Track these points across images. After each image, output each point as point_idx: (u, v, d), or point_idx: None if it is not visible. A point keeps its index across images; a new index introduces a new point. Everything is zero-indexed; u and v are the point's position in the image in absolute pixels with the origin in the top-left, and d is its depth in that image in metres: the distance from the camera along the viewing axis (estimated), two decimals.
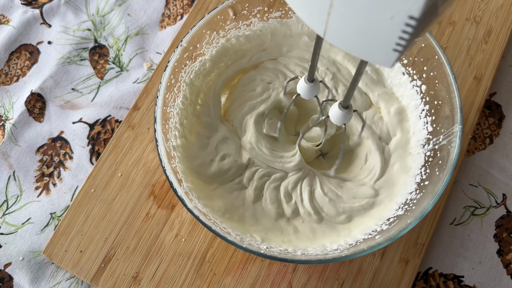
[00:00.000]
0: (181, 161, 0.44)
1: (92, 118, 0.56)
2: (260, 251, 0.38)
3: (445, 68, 0.42)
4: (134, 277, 0.48)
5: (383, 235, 0.39)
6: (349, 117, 0.38)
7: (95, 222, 0.50)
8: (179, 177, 0.41)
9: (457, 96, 0.40)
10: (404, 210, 0.41)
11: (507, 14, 0.56)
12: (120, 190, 0.51)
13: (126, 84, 0.57)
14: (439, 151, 0.42)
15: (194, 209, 0.39)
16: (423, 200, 0.39)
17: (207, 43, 0.46)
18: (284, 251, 0.41)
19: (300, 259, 0.38)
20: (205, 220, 0.38)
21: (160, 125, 0.42)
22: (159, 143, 0.41)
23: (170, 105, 0.44)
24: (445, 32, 0.55)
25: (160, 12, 0.60)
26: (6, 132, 0.55)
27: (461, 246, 0.50)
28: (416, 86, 0.45)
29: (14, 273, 0.50)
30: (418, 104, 0.45)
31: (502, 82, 0.56)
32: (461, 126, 0.39)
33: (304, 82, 0.38)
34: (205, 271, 0.48)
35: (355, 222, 0.44)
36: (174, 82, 0.44)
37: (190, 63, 0.46)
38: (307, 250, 0.41)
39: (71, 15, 0.60)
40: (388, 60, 0.24)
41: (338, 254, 0.38)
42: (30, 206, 0.52)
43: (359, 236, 0.42)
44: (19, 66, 0.58)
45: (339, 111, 0.37)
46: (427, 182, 0.41)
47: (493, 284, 0.48)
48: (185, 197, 0.40)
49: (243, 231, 0.43)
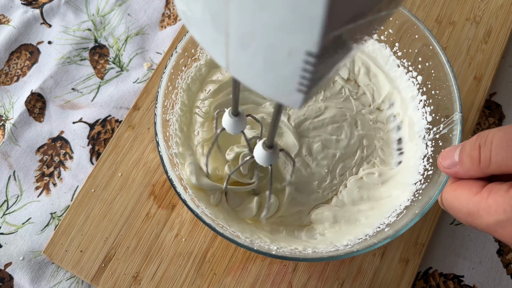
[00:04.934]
0: (184, 167, 0.44)
1: (92, 118, 0.56)
2: (271, 252, 0.38)
3: (441, 58, 0.42)
4: (135, 277, 0.48)
5: (392, 228, 0.39)
6: (275, 157, 0.34)
7: (95, 222, 0.50)
8: (183, 184, 0.41)
9: (455, 84, 0.41)
10: (410, 201, 0.41)
11: (507, 14, 0.56)
12: (120, 190, 0.51)
13: (126, 84, 0.57)
14: (440, 140, 0.42)
15: (202, 214, 0.39)
16: (429, 190, 0.39)
17: (201, 48, 0.46)
18: (295, 250, 0.41)
19: (312, 257, 0.38)
20: (215, 226, 0.38)
21: (161, 134, 0.41)
22: (162, 151, 0.41)
23: (169, 112, 0.44)
24: (445, 32, 0.56)
25: (160, 12, 0.60)
26: (6, 132, 0.55)
27: (461, 246, 0.50)
28: (412, 78, 0.46)
29: (14, 273, 0.50)
30: (415, 95, 0.46)
31: (502, 82, 0.56)
32: (461, 113, 0.40)
33: (228, 115, 0.35)
34: (205, 271, 0.48)
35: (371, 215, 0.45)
36: (171, 89, 0.44)
37: (186, 69, 0.46)
38: (317, 247, 0.41)
39: (71, 15, 0.60)
40: (295, 101, 0.21)
41: (350, 250, 0.38)
42: (30, 206, 0.52)
43: (368, 230, 0.42)
44: (19, 66, 0.58)
45: (263, 151, 0.33)
46: (430, 172, 0.41)
47: (493, 284, 0.48)
48: (192, 203, 0.39)
49: (251, 233, 0.43)
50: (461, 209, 0.29)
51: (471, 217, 0.28)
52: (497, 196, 0.26)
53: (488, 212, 0.27)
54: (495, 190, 0.27)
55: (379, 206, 0.45)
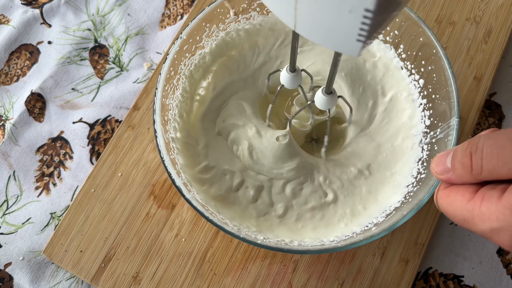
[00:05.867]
0: (180, 153, 0.44)
1: (92, 118, 0.56)
2: (257, 241, 0.38)
3: (443, 62, 0.42)
4: (134, 277, 0.48)
5: (379, 227, 0.39)
6: (333, 102, 0.39)
7: (95, 222, 0.50)
8: (177, 169, 0.42)
9: (455, 90, 0.41)
10: (401, 203, 0.41)
11: (507, 14, 0.56)
12: (120, 190, 0.51)
13: (126, 84, 0.57)
14: (436, 144, 0.42)
15: (192, 199, 0.39)
16: (419, 193, 0.39)
17: (206, 36, 0.47)
18: (281, 241, 0.41)
19: (297, 249, 0.38)
20: (203, 211, 0.39)
21: (159, 116, 0.42)
22: (158, 134, 0.41)
23: (169, 97, 0.44)
24: (445, 32, 0.56)
25: (160, 12, 0.60)
26: (6, 132, 0.55)
27: (461, 246, 0.50)
28: (414, 80, 0.46)
29: (14, 273, 0.50)
30: (416, 99, 0.46)
31: (502, 82, 0.56)
32: (458, 119, 0.40)
33: (286, 72, 0.40)
34: (205, 271, 0.48)
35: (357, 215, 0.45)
36: (173, 74, 0.44)
37: (190, 56, 0.46)
38: (303, 240, 0.42)
39: (71, 15, 0.60)
40: (354, 50, 0.25)
41: (335, 245, 0.38)
42: (30, 206, 0.52)
43: (355, 228, 0.42)
44: (19, 66, 0.58)
45: (323, 97, 0.39)
46: (423, 175, 0.41)
47: (493, 284, 0.48)
48: (183, 187, 0.40)
49: (240, 221, 0.43)
50: (456, 215, 0.29)
51: (466, 224, 0.29)
52: (490, 204, 0.27)
53: (482, 220, 0.27)
54: (487, 197, 0.27)
55: (371, 206, 0.45)
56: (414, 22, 0.44)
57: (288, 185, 0.45)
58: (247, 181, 0.45)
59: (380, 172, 0.46)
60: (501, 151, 0.26)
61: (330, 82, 0.37)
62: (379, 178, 0.46)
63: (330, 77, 0.36)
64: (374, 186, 0.45)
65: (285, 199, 0.45)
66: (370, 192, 0.45)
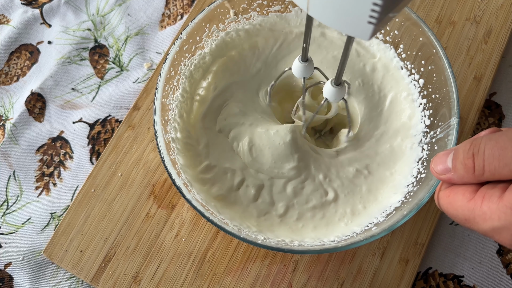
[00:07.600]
0: (180, 153, 0.44)
1: (92, 118, 0.56)
2: (258, 242, 0.38)
3: (443, 62, 0.42)
4: (134, 277, 0.48)
5: (379, 227, 0.39)
6: (343, 93, 0.40)
7: (95, 222, 0.50)
8: (178, 169, 0.42)
9: (455, 89, 0.41)
10: (401, 202, 0.41)
11: (507, 14, 0.56)
12: (120, 190, 0.51)
13: (126, 84, 0.57)
14: (436, 144, 0.42)
15: (192, 199, 0.39)
16: (420, 193, 0.40)
17: (206, 36, 0.47)
18: (281, 241, 0.41)
19: (298, 249, 0.38)
20: (204, 211, 0.39)
21: (159, 117, 0.42)
22: (158, 134, 0.42)
23: (169, 97, 0.44)
24: (445, 32, 0.56)
25: (160, 12, 0.60)
26: (6, 132, 0.55)
27: (461, 246, 0.50)
28: (414, 80, 0.46)
29: (14, 273, 0.50)
30: (416, 98, 0.46)
31: (502, 82, 0.56)
32: (458, 119, 0.40)
33: (298, 61, 0.40)
34: (205, 271, 0.48)
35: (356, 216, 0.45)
36: (173, 75, 0.45)
37: (190, 56, 0.46)
38: (304, 240, 0.42)
39: (71, 15, 0.60)
40: (365, 33, 0.26)
41: (335, 245, 0.38)
42: (30, 206, 0.52)
43: (356, 228, 0.42)
44: (19, 66, 0.58)
45: (332, 88, 0.39)
46: (423, 175, 0.41)
47: (493, 284, 0.48)
48: (184, 187, 0.40)
49: (241, 221, 0.43)
50: (457, 215, 0.30)
51: (468, 223, 0.29)
52: (491, 203, 0.27)
53: (484, 219, 0.27)
54: (488, 196, 0.27)
55: (371, 206, 0.45)
56: (414, 22, 0.44)
57: (289, 184, 0.45)
58: (248, 180, 0.45)
59: (380, 171, 0.46)
60: (503, 153, 0.26)
61: (340, 72, 0.37)
62: (379, 177, 0.46)
63: (340, 67, 0.36)
64: (374, 185, 0.45)
65: (286, 198, 0.45)
66: (370, 191, 0.45)
